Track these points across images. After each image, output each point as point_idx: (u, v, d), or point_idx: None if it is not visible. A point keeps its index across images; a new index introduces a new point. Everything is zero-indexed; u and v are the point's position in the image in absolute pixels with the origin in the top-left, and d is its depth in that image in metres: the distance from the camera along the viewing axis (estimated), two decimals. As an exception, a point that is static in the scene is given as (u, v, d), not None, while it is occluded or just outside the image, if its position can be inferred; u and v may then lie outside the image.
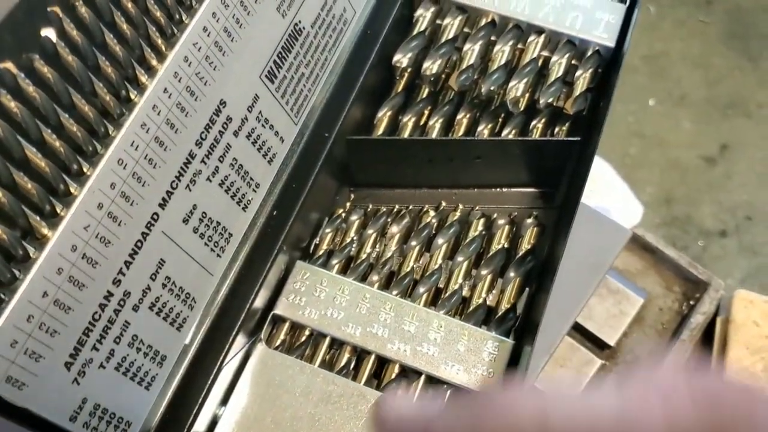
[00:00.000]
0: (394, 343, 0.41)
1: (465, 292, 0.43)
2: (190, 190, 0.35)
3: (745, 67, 1.40)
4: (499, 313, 0.42)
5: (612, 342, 0.76)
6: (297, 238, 0.45)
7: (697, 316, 0.77)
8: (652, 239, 0.81)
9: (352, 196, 0.49)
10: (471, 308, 0.42)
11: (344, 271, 0.45)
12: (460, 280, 0.43)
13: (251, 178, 0.38)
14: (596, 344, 0.76)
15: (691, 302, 0.78)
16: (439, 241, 0.45)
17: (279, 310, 0.42)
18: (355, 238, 0.46)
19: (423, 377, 0.41)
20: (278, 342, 0.42)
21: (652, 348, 0.75)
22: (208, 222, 0.36)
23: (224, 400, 0.40)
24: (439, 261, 0.44)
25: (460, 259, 0.44)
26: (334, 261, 0.45)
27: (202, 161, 0.35)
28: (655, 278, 0.79)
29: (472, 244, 0.44)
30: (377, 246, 0.46)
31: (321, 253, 0.46)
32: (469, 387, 0.40)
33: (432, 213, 0.46)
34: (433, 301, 0.44)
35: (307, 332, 0.43)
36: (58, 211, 0.30)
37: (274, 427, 0.39)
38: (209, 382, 0.38)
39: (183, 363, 0.36)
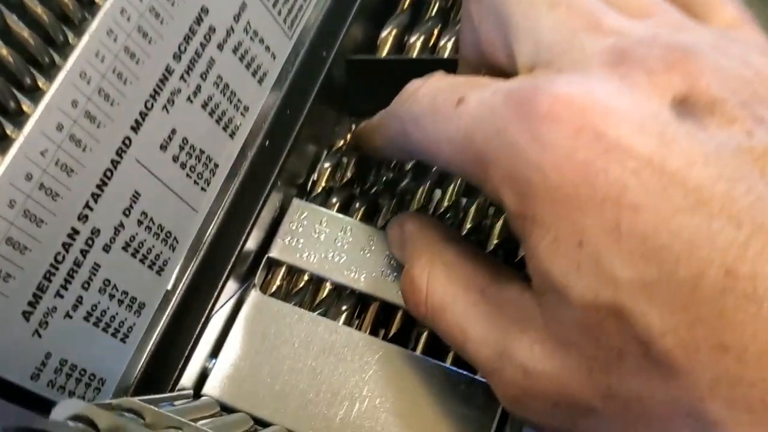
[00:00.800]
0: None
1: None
2: (167, 111, 0.30)
3: None
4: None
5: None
6: (293, 172, 0.40)
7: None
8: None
9: (354, 126, 0.44)
10: (491, 247, 0.37)
11: (346, 209, 0.41)
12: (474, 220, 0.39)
13: (239, 100, 0.33)
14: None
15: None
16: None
17: (274, 253, 0.38)
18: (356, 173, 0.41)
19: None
20: (274, 288, 0.38)
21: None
22: (189, 150, 0.31)
23: (214, 352, 0.36)
24: (454, 197, 0.39)
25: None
26: (335, 199, 0.40)
27: (182, 78, 0.30)
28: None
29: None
30: (381, 183, 0.41)
31: (320, 190, 0.41)
32: None
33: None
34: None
35: (306, 277, 0.38)
36: (9, 133, 0.25)
37: (270, 380, 0.35)
38: (196, 333, 0.34)
39: (165, 312, 0.31)
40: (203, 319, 0.34)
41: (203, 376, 0.36)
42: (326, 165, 0.41)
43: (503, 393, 0.24)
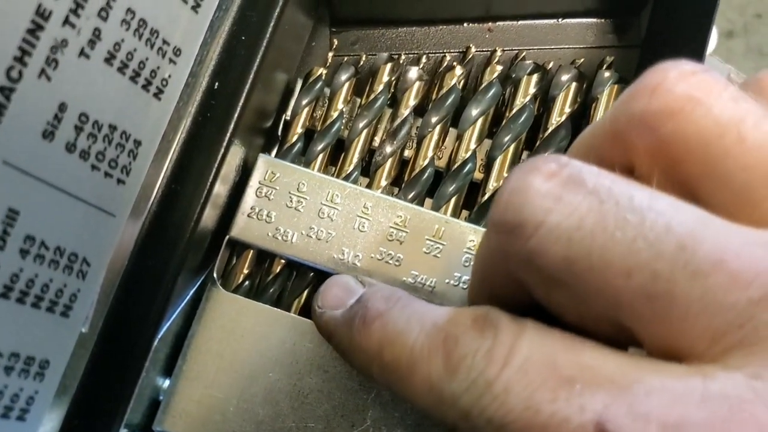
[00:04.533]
0: (413, 276, 0.28)
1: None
2: (48, 78, 0.19)
3: None
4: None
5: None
6: (257, 116, 0.29)
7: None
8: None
9: (335, 41, 0.33)
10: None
11: (333, 164, 0.31)
12: (505, 173, 0.29)
13: (164, 42, 0.22)
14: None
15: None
16: (472, 112, 0.30)
17: (236, 232, 0.28)
18: (345, 110, 0.30)
19: None
20: (240, 278, 0.29)
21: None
22: (93, 130, 0.21)
23: (167, 370, 0.28)
24: (473, 144, 0.29)
25: (505, 139, 0.29)
26: (318, 147, 0.30)
27: (67, 23, 0.19)
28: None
29: (521, 116, 0.29)
30: (379, 127, 0.31)
31: (296, 138, 0.30)
32: None
33: (456, 65, 0.30)
34: (467, 205, 0.30)
35: (282, 261, 0.29)
36: None
37: (239, 411, 0.27)
38: (138, 362, 0.25)
39: (83, 359, 0.22)
40: (145, 343, 0.25)
41: (154, 404, 0.27)
42: (303, 101, 0.31)
43: None
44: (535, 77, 0.29)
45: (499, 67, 0.30)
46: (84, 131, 0.20)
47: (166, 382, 0.28)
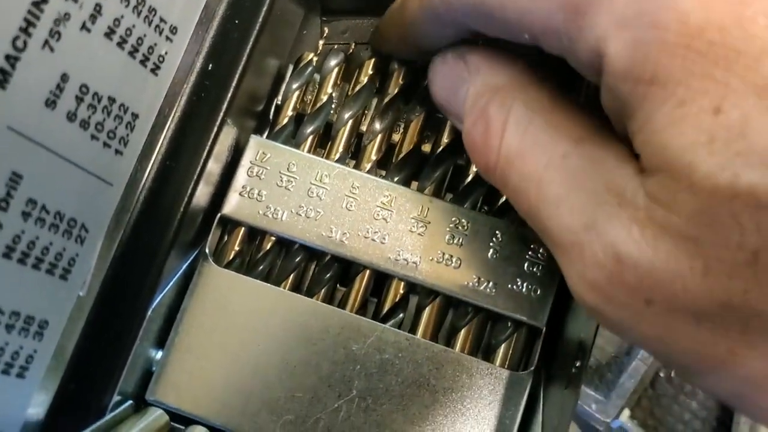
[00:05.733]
0: (397, 253, 0.29)
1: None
2: (51, 49, 0.20)
3: None
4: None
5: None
6: (249, 99, 0.30)
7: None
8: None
9: (326, 30, 0.34)
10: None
11: (322, 147, 0.32)
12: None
13: (162, 19, 0.23)
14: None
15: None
16: None
17: (228, 210, 0.29)
18: (334, 95, 0.31)
19: (438, 299, 0.29)
20: (232, 255, 0.30)
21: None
22: (92, 101, 0.22)
23: (160, 342, 0.28)
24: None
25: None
26: (308, 129, 0.31)
27: (69, -4, 0.20)
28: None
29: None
30: (366, 113, 0.32)
31: (286, 121, 0.31)
32: (518, 317, 0.28)
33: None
34: (452, 188, 0.31)
35: (273, 239, 0.30)
36: None
37: (230, 382, 0.28)
38: (132, 330, 0.26)
39: (80, 321, 0.23)
40: (139, 313, 0.26)
41: (147, 374, 0.28)
42: (293, 85, 0.32)
43: (580, 276, 0.19)
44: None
45: None
46: (84, 102, 0.21)
47: (159, 354, 0.28)
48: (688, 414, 0.72)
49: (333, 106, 0.32)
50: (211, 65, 0.27)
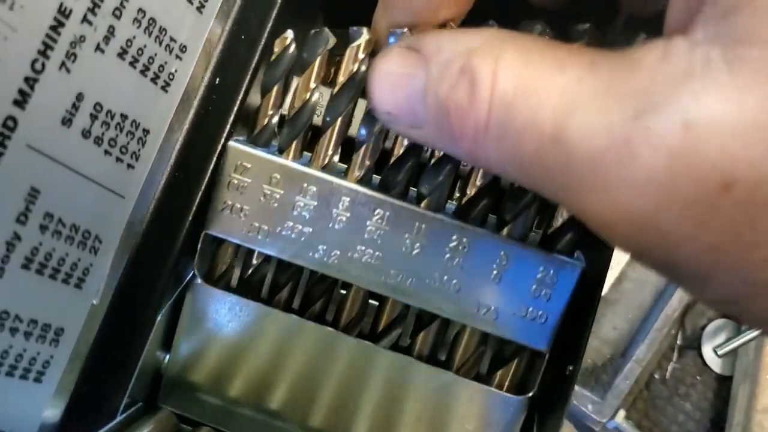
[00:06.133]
0: (392, 276, 0.27)
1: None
2: (68, 70, 0.21)
3: None
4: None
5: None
6: (247, 112, 0.31)
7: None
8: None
9: (330, 40, 0.35)
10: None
11: (310, 150, 0.28)
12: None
13: (172, 39, 0.24)
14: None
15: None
16: None
17: (212, 228, 0.27)
18: (320, 92, 0.28)
19: (437, 322, 0.29)
20: (221, 271, 0.29)
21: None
22: (106, 118, 0.23)
23: (167, 344, 0.29)
24: None
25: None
26: (290, 134, 0.27)
27: (85, 20, 0.21)
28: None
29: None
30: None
31: (266, 121, 0.28)
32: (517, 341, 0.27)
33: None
34: (454, 196, 0.29)
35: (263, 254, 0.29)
36: None
37: (228, 391, 0.29)
38: (141, 338, 0.27)
39: (92, 330, 0.24)
40: (149, 319, 0.27)
41: (156, 377, 0.29)
42: (272, 77, 0.28)
43: (625, 182, 0.16)
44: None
45: None
46: (98, 119, 0.22)
47: (167, 357, 0.29)
48: (682, 415, 0.73)
49: (319, 107, 0.28)
50: (218, 80, 0.28)
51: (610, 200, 0.16)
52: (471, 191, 0.27)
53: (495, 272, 0.26)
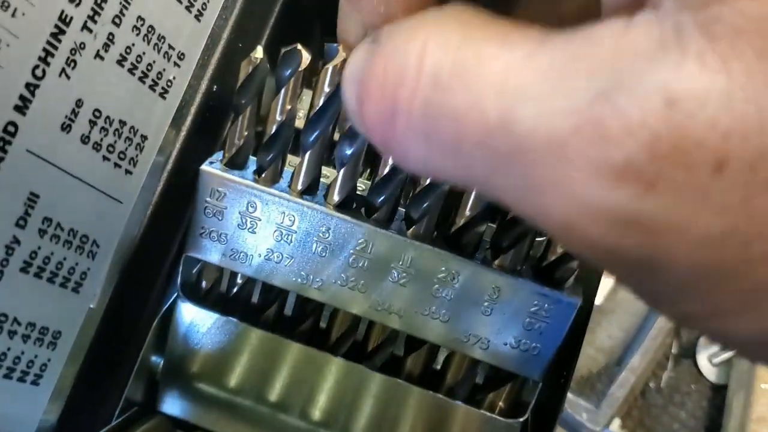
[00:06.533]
0: (380, 304, 0.26)
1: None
2: (67, 77, 0.21)
3: None
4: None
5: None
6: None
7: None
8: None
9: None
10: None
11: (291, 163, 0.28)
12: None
13: (170, 47, 0.25)
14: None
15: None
16: None
17: (192, 251, 0.26)
18: (297, 108, 0.26)
19: (428, 344, 0.28)
20: (208, 286, 0.29)
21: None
22: (105, 124, 0.23)
23: (159, 348, 0.30)
24: None
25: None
26: (266, 158, 0.25)
27: (85, 28, 0.22)
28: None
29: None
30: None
31: (242, 142, 0.26)
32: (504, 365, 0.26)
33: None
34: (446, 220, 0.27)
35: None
36: None
37: (220, 395, 0.29)
38: (136, 345, 0.27)
39: (88, 335, 0.24)
40: (145, 324, 0.27)
41: (151, 381, 0.29)
42: (244, 96, 0.25)
43: (595, 169, 0.14)
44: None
45: None
46: (97, 125, 0.23)
47: (161, 363, 0.30)
48: (677, 424, 0.73)
49: (295, 120, 0.26)
50: (215, 87, 0.29)
51: (575, 195, 0.14)
52: (460, 221, 0.25)
53: (486, 304, 0.25)
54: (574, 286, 0.25)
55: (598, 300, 0.60)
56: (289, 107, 0.25)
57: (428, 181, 0.25)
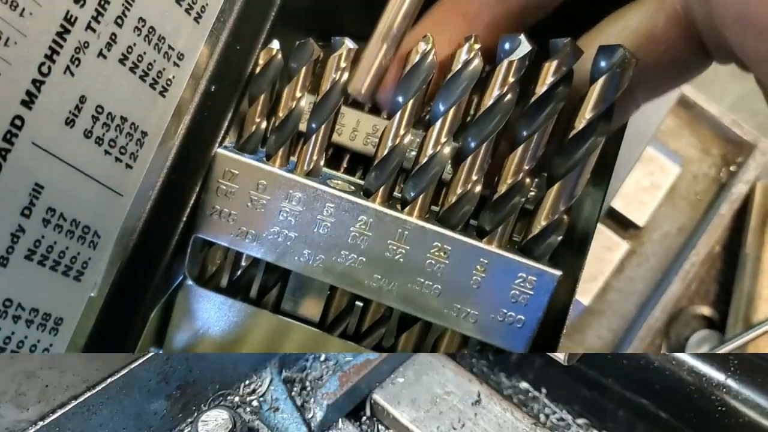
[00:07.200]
0: (374, 279, 0.28)
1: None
2: (72, 74, 0.22)
3: None
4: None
5: (641, 222, 0.61)
6: (240, 118, 0.32)
7: (739, 185, 0.60)
8: (689, 91, 0.60)
9: (322, 54, 0.36)
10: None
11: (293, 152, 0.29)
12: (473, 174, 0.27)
13: (170, 47, 0.26)
14: (621, 224, 0.61)
15: (732, 168, 0.63)
16: (440, 107, 0.27)
17: (201, 231, 0.28)
18: (305, 100, 0.28)
19: (419, 324, 0.30)
20: (211, 272, 0.31)
21: (683, 223, 0.63)
22: (107, 120, 0.24)
23: (158, 340, 0.31)
24: (443, 138, 0.27)
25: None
26: (276, 141, 0.28)
27: (89, 28, 0.23)
28: (690, 139, 0.64)
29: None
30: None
31: (254, 128, 0.29)
32: (489, 340, 0.28)
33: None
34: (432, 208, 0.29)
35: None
36: None
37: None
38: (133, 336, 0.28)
39: (89, 322, 0.25)
40: (144, 314, 0.28)
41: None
42: (259, 85, 0.29)
43: None
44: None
45: None
46: (99, 121, 0.24)
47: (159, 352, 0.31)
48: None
49: (304, 110, 0.28)
50: (214, 87, 0.30)
51: None
52: (452, 198, 0.27)
53: (475, 278, 0.27)
54: (555, 261, 0.28)
55: (588, 300, 0.61)
56: (299, 95, 0.28)
57: (422, 163, 0.27)
